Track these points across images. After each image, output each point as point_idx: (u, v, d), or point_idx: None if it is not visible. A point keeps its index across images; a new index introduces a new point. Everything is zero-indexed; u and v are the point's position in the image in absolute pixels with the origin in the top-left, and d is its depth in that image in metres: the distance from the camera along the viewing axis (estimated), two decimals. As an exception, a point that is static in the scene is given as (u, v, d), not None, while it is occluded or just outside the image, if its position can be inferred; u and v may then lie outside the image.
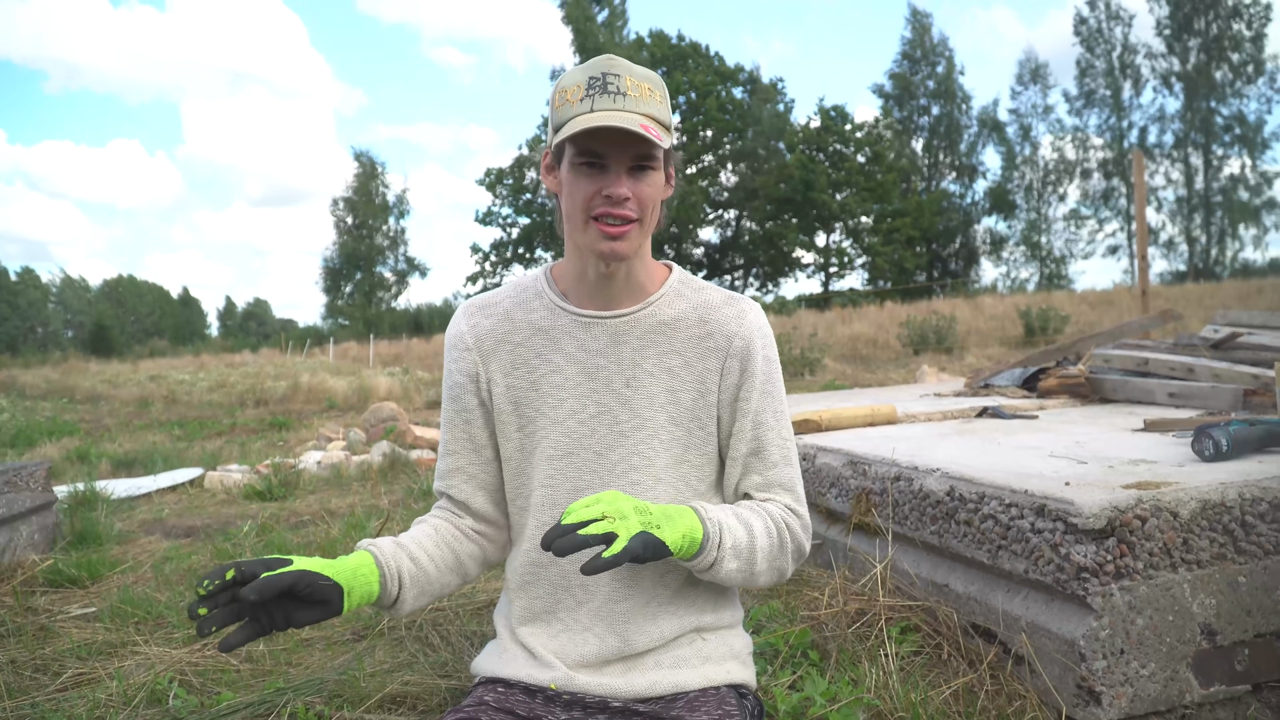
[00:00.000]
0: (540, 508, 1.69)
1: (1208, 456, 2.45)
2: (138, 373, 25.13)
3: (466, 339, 1.72)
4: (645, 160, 1.53)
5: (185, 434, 11.35)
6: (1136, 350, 4.53)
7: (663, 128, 1.54)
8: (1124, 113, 52.18)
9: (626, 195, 1.51)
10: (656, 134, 1.47)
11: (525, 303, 1.72)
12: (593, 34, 47.74)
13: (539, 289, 1.73)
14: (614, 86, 1.51)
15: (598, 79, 1.52)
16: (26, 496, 4.21)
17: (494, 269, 53.46)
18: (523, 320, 1.71)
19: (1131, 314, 13.32)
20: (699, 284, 1.75)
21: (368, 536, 4.07)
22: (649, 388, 1.66)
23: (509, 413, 1.70)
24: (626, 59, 1.57)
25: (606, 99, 1.50)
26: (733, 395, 1.68)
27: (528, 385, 1.69)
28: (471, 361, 1.71)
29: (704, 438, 1.70)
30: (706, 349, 1.68)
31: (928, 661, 2.32)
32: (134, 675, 2.59)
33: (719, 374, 1.68)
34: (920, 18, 56.54)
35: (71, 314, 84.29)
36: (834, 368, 16.53)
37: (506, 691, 1.64)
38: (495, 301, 1.75)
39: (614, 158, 1.51)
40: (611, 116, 1.47)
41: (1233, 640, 2.02)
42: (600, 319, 1.67)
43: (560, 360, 1.67)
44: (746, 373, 1.68)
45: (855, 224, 53.11)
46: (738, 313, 1.70)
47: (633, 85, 1.52)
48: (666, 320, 1.68)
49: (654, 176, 1.55)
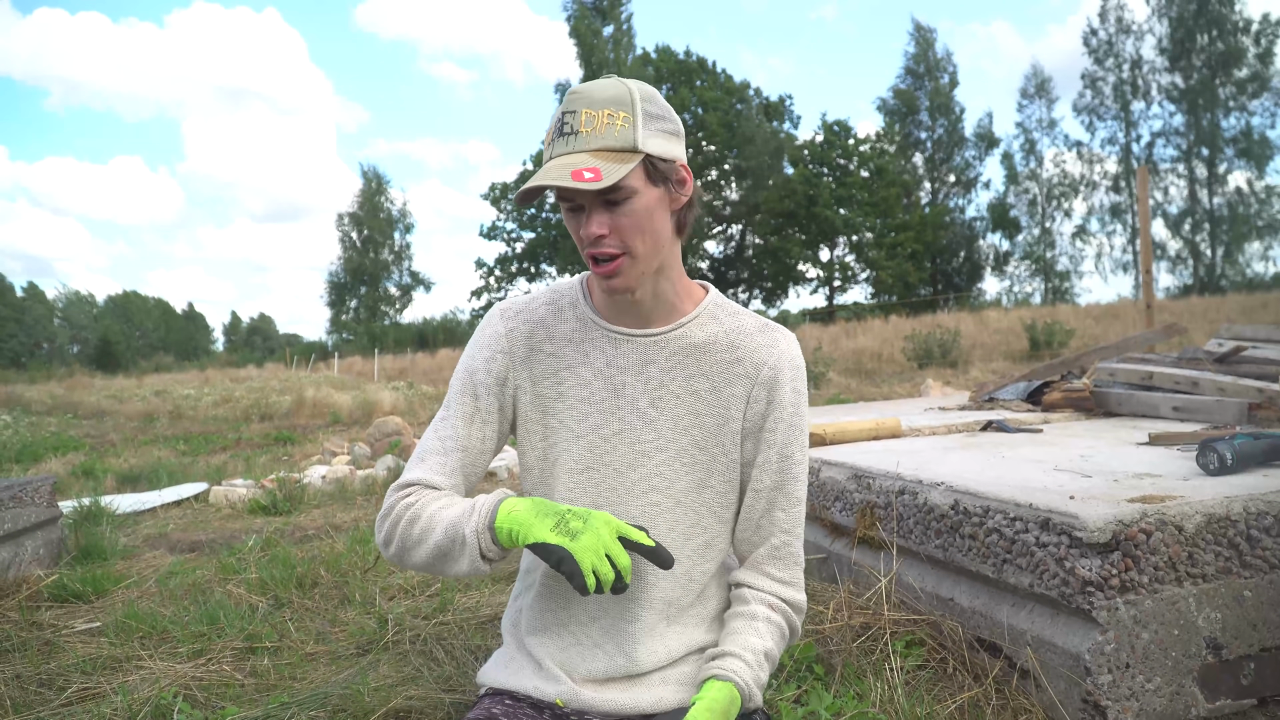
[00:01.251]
0: None
1: (1213, 470, 2.44)
2: (143, 388, 25.17)
3: (503, 341, 1.69)
4: (612, 194, 1.48)
5: (190, 449, 11.37)
6: (1141, 364, 4.53)
7: (617, 154, 1.46)
8: (1132, 126, 52.24)
9: (598, 234, 1.48)
10: (594, 173, 1.41)
11: (560, 311, 1.71)
12: (599, 49, 47.84)
13: (574, 298, 1.71)
14: (568, 126, 1.48)
15: (559, 119, 1.50)
16: (31, 511, 4.22)
17: (498, 284, 53.60)
18: (556, 330, 1.69)
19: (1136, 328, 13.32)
20: (734, 308, 1.72)
21: (372, 552, 4.07)
22: (674, 409, 1.65)
23: (535, 421, 1.68)
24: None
25: (561, 142, 1.48)
26: (758, 425, 1.66)
27: (555, 396, 1.67)
28: (504, 365, 1.68)
29: (727, 464, 1.67)
30: (735, 375, 1.65)
31: (933, 676, 2.31)
32: (139, 690, 2.59)
33: (745, 401, 1.66)
34: (924, 33, 56.71)
35: (76, 329, 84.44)
36: (838, 381, 16.53)
37: (514, 705, 1.63)
38: (532, 307, 1.72)
39: (583, 197, 1.48)
40: (553, 168, 1.44)
41: (1238, 654, 2.01)
42: (630, 336, 1.65)
43: (588, 374, 1.66)
44: (774, 402, 1.66)
45: (859, 238, 53.17)
46: (770, 341, 1.68)
47: (587, 119, 1.47)
48: (697, 343, 1.66)
49: (632, 205, 1.49)
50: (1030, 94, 55.44)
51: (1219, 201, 49.86)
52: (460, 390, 1.70)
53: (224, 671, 2.75)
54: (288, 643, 3.02)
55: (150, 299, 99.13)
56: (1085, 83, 53.06)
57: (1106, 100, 52.55)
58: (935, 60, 56.33)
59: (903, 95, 56.37)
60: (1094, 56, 52.92)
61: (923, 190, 56.63)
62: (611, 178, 1.42)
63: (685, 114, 50.43)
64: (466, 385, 1.69)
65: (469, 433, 1.68)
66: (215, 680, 2.68)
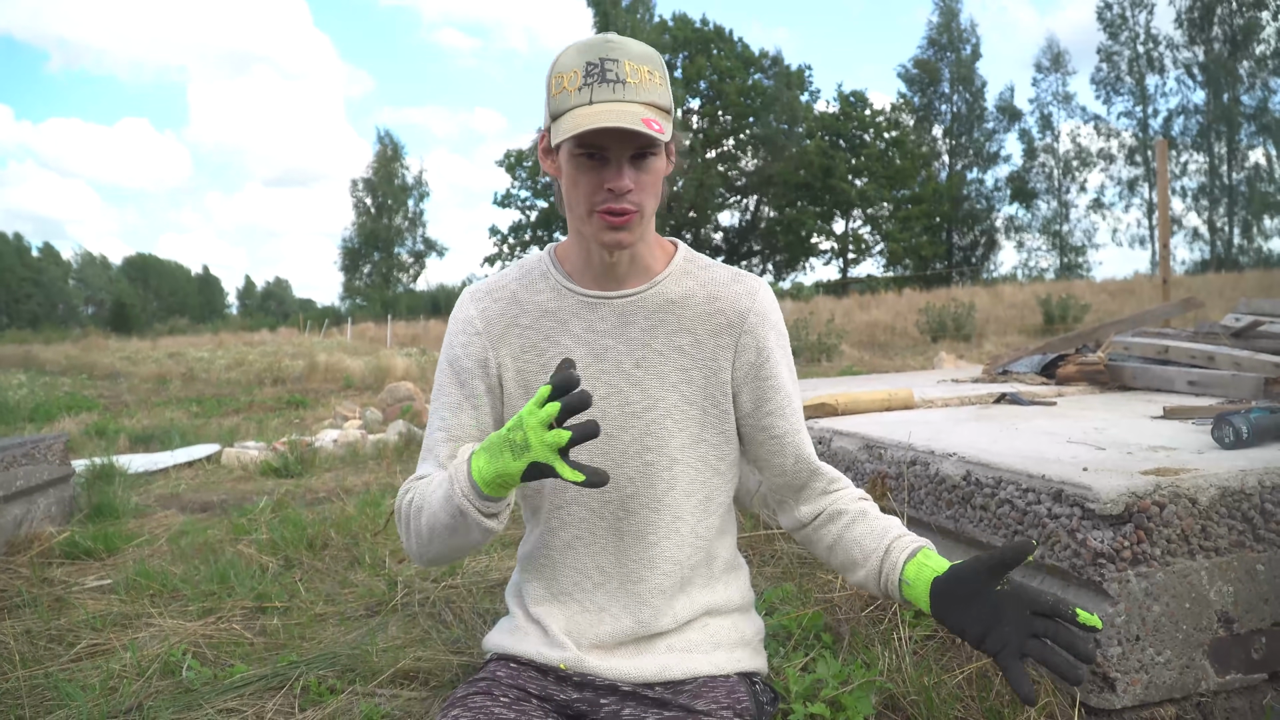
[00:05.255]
0: (553, 490, 1.68)
1: (1228, 444, 2.42)
2: (157, 350, 25.27)
3: (476, 324, 1.67)
4: (647, 148, 1.48)
5: (203, 411, 11.42)
6: (1156, 338, 4.49)
7: (663, 113, 1.49)
8: (1148, 100, 51.75)
9: (629, 187, 1.48)
10: (659, 126, 1.42)
11: (531, 284, 1.69)
12: (617, 18, 47.48)
13: (544, 269, 1.69)
14: (613, 74, 1.45)
15: (595, 65, 1.45)
16: (44, 469, 4.24)
17: (511, 251, 53.53)
18: (530, 303, 1.67)
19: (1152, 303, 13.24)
20: (705, 261, 1.72)
21: (382, 515, 4.09)
22: (659, 367, 1.64)
23: (519, 396, 1.67)
24: (631, 37, 1.52)
25: (605, 89, 1.44)
26: (752, 373, 1.66)
27: (538, 368, 1.66)
28: (481, 346, 1.66)
29: (719, 415, 1.68)
30: (717, 325, 1.65)
31: (941, 646, 2.31)
32: (148, 647, 2.60)
33: (733, 350, 1.65)
34: (949, 3, 56.11)
35: (92, 291, 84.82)
36: (851, 354, 16.49)
37: (519, 668, 1.64)
38: (502, 285, 1.71)
39: (615, 150, 1.47)
40: (611, 113, 1.41)
41: (1250, 628, 2.00)
42: (607, 299, 1.64)
43: (569, 342, 1.65)
44: (764, 349, 1.66)
45: (874, 210, 52.94)
46: (748, 290, 1.67)
47: (632, 70, 1.46)
48: (674, 299, 1.65)
49: (655, 163, 1.51)
50: (1045, 67, 54.96)
51: (1238, 177, 49.43)
52: (445, 382, 1.69)
53: (233, 630, 2.76)
54: (297, 603, 3.03)
55: (168, 262, 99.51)
56: (1101, 57, 52.59)
57: (1122, 74, 52.08)
58: (959, 31, 55.81)
59: (924, 65, 55.92)
60: (1109, 31, 52.42)
61: (941, 163, 56.28)
62: (667, 134, 1.44)
63: (702, 82, 50.14)
64: (450, 374, 1.68)
65: (460, 420, 1.66)
66: (225, 639, 2.70)
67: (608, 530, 1.67)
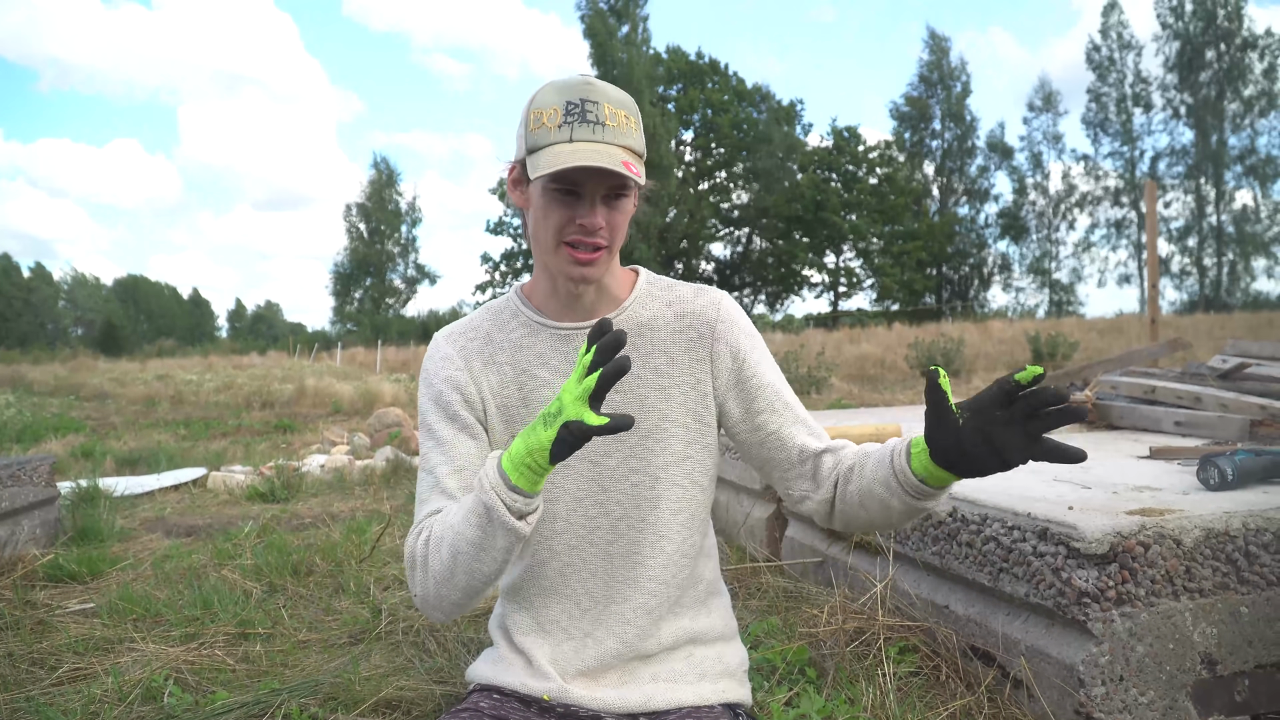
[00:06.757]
0: (541, 522, 1.67)
1: (1213, 485, 2.43)
2: (145, 372, 25.20)
3: (456, 361, 1.68)
4: (621, 189, 1.54)
5: (190, 434, 11.37)
6: (1144, 378, 4.52)
7: (637, 158, 1.54)
8: (1136, 141, 52.22)
9: (601, 225, 1.52)
10: (635, 170, 1.48)
11: (503, 324, 1.71)
12: (613, 49, 47.74)
13: (514, 308, 1.72)
14: (593, 115, 1.49)
15: (576, 105, 1.49)
16: (30, 491, 4.22)
17: (504, 278, 53.64)
18: (503, 340, 1.69)
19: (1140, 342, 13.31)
20: (667, 282, 1.76)
21: (368, 542, 4.07)
22: (637, 391, 1.66)
23: (501, 430, 1.68)
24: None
25: (585, 129, 1.48)
26: (733, 379, 1.68)
27: (518, 402, 1.67)
28: (465, 380, 1.67)
29: (701, 430, 1.69)
30: (689, 341, 1.68)
31: (925, 682, 2.31)
32: (130, 672, 2.59)
33: (709, 362, 1.68)
34: (939, 41, 56.69)
35: (81, 311, 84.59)
36: (841, 387, 16.50)
37: (502, 699, 1.63)
38: (474, 325, 1.73)
39: (590, 187, 1.51)
40: (591, 152, 1.45)
41: (1233, 670, 2.00)
42: (580, 330, 1.67)
43: (546, 375, 1.66)
44: (739, 352, 1.68)
45: (865, 245, 53.19)
46: (711, 301, 1.71)
47: (611, 114, 1.51)
48: (644, 322, 1.68)
49: (626, 204, 1.57)
50: (1037, 106, 55.49)
51: (1225, 218, 49.82)
52: (434, 421, 1.66)
53: (216, 656, 2.75)
54: (280, 630, 3.02)
55: (158, 283, 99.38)
56: (1090, 97, 53.14)
57: (1110, 115, 52.59)
58: (949, 68, 56.36)
59: (915, 102, 56.40)
60: (1097, 72, 53.00)
61: (932, 199, 56.65)
62: (641, 177, 1.51)
63: (695, 115, 50.43)
64: (438, 413, 1.66)
65: (460, 451, 1.63)
66: (207, 664, 2.68)
67: (597, 554, 1.67)
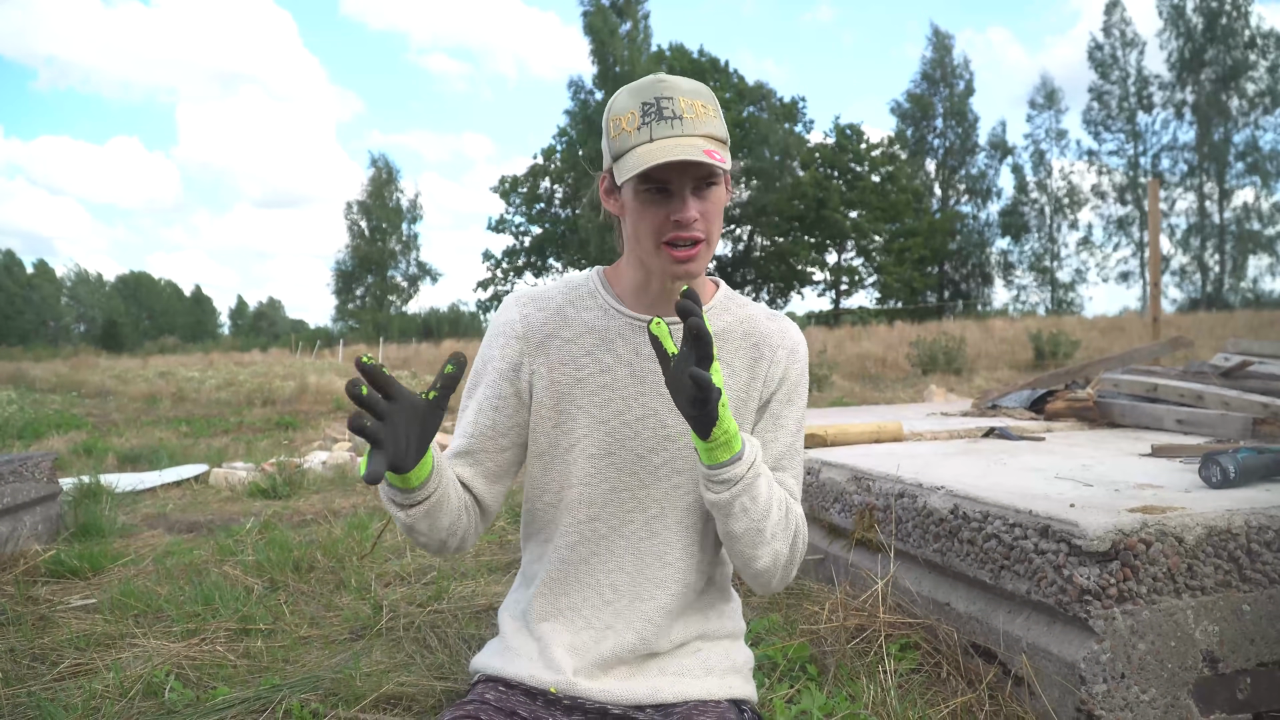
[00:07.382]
0: (575, 505, 1.70)
1: (1215, 483, 2.43)
2: (147, 369, 25.18)
3: (517, 328, 1.71)
4: (709, 178, 1.54)
5: (192, 431, 11.36)
6: (1146, 376, 4.51)
7: (721, 144, 1.55)
8: (1139, 139, 52.16)
9: (695, 217, 1.53)
10: (720, 156, 1.48)
11: (578, 300, 1.73)
12: (615, 47, 47.66)
13: (592, 289, 1.74)
14: (669, 111, 1.51)
15: (651, 104, 1.51)
16: (31, 487, 4.22)
17: (505, 276, 53.66)
18: (575, 318, 1.71)
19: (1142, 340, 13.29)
20: (742, 300, 1.79)
21: (369, 538, 4.07)
22: None
23: (548, 407, 1.70)
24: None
25: (664, 125, 1.50)
26: (765, 400, 1.72)
27: (573, 382, 1.69)
28: (518, 351, 1.70)
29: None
30: (752, 359, 1.72)
31: (926, 680, 2.31)
32: (131, 667, 2.58)
33: (762, 383, 1.71)
34: (942, 38, 56.62)
35: (84, 309, 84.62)
36: (842, 385, 16.49)
37: (508, 691, 1.65)
38: (548, 296, 1.75)
39: (678, 182, 1.52)
40: (673, 147, 1.46)
41: (1235, 668, 2.00)
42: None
43: (610, 361, 1.69)
44: (785, 382, 1.72)
45: (867, 243, 53.15)
46: (781, 328, 1.75)
47: (687, 105, 1.52)
48: (715, 331, 1.70)
49: (717, 192, 1.56)
50: (1039, 104, 55.42)
51: (1228, 216, 49.78)
52: (475, 382, 1.74)
53: (217, 652, 2.75)
54: (282, 625, 3.02)
55: (160, 281, 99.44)
56: (1093, 95, 53.07)
57: (1113, 113, 52.54)
58: (952, 67, 56.30)
59: (917, 100, 56.34)
60: (1099, 70, 52.93)
61: (933, 196, 56.61)
62: (727, 163, 1.52)
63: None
64: (487, 375, 1.73)
65: (479, 422, 1.71)
66: (208, 660, 2.68)
67: (627, 549, 1.70)
